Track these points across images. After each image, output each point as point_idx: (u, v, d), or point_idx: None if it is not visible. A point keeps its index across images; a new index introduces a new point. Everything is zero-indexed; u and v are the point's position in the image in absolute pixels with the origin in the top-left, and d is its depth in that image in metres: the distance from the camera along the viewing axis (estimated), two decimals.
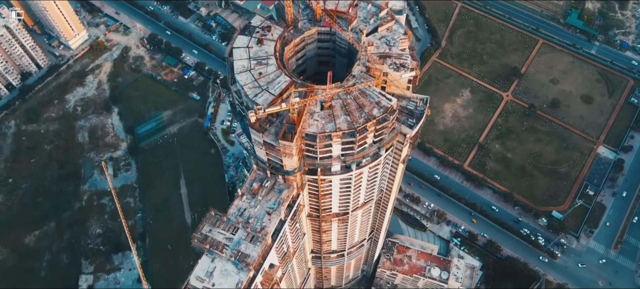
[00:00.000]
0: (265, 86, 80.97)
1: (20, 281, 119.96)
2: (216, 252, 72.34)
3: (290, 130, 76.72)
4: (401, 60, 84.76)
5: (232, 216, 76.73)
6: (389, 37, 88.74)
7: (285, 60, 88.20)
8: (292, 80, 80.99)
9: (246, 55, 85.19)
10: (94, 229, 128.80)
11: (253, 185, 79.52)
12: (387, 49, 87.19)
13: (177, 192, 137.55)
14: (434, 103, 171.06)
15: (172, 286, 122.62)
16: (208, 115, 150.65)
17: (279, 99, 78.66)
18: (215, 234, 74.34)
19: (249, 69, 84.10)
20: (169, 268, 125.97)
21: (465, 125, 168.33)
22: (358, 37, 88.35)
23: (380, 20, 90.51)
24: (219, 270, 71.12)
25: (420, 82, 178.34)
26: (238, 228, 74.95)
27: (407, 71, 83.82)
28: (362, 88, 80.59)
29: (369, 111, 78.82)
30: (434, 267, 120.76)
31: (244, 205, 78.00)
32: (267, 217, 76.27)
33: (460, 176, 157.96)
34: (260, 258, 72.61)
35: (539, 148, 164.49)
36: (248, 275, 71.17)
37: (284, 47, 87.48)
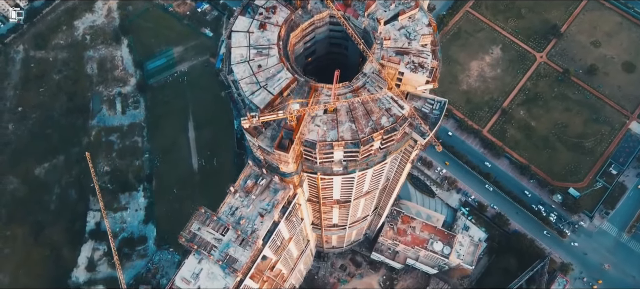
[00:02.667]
0: (263, 82, 74.35)
1: (31, 214, 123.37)
2: (204, 253, 70.33)
3: (288, 135, 70.97)
4: (420, 58, 75.94)
5: (223, 215, 73.96)
6: (410, 28, 78.88)
7: (291, 46, 79.81)
8: (294, 77, 73.81)
9: (245, 43, 77.47)
10: (102, 166, 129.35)
11: (247, 182, 75.53)
12: (406, 42, 77.83)
13: (185, 136, 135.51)
14: (460, 59, 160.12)
15: (176, 230, 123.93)
16: (220, 55, 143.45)
17: (278, 98, 72.04)
18: (204, 234, 72.10)
19: (248, 60, 76.82)
20: (174, 212, 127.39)
21: (490, 87, 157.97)
22: (374, 26, 78.75)
23: (402, 6, 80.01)
24: (205, 272, 69.87)
25: (449, 34, 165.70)
26: (228, 228, 71.97)
27: (426, 72, 75.07)
28: (372, 90, 72.83)
29: (377, 119, 72.10)
30: (437, 241, 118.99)
31: (236, 203, 74.58)
32: (260, 219, 73.14)
33: (478, 142, 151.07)
34: (250, 263, 70.64)
35: (567, 118, 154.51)
36: (235, 280, 69.46)
37: (289, 33, 78.56)
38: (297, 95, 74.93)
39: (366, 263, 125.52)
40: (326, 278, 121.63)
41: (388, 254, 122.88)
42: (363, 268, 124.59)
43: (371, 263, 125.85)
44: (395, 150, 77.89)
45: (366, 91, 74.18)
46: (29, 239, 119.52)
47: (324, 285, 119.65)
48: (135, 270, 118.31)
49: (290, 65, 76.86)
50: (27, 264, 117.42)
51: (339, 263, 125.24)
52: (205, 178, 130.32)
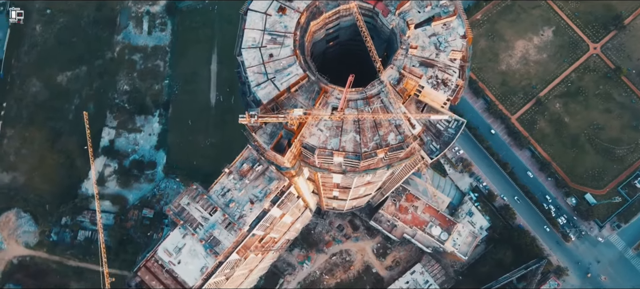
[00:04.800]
0: (272, 75, 70.48)
1: (50, 120, 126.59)
2: (189, 229, 71.41)
3: (288, 136, 68.25)
4: (446, 74, 70.22)
5: (214, 194, 74.23)
6: (443, 38, 71.98)
7: (310, 34, 73.73)
8: (306, 74, 69.32)
9: (261, 25, 72.48)
10: (122, 84, 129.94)
11: (243, 165, 74.52)
12: (434, 53, 71.60)
13: (207, 68, 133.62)
14: (506, 35, 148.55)
15: (185, 161, 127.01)
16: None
17: (284, 94, 68.49)
18: (192, 210, 72.96)
19: (260, 46, 72.32)
20: (186, 143, 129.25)
21: (531, 71, 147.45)
22: (403, 28, 71.95)
23: (439, 10, 72.19)
24: (188, 248, 71.56)
25: (501, 5, 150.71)
26: (216, 209, 72.18)
27: (448, 91, 69.32)
28: (385, 102, 68.16)
29: (385, 134, 68.65)
30: (437, 225, 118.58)
31: (228, 185, 74.41)
32: (249, 205, 73.29)
33: (504, 128, 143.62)
34: (232, 248, 71.37)
35: (604, 120, 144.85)
36: (215, 262, 70.68)
37: (310, 21, 72.39)
38: (305, 93, 71.21)
39: (364, 228, 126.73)
40: (322, 235, 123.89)
41: (386, 226, 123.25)
42: (360, 231, 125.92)
43: (368, 228, 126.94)
44: (400, 164, 74.43)
45: (379, 100, 69.38)
46: (46, 145, 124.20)
47: (318, 241, 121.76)
48: (142, 193, 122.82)
49: (304, 58, 71.82)
50: (42, 168, 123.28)
51: (337, 223, 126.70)
52: (221, 115, 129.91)
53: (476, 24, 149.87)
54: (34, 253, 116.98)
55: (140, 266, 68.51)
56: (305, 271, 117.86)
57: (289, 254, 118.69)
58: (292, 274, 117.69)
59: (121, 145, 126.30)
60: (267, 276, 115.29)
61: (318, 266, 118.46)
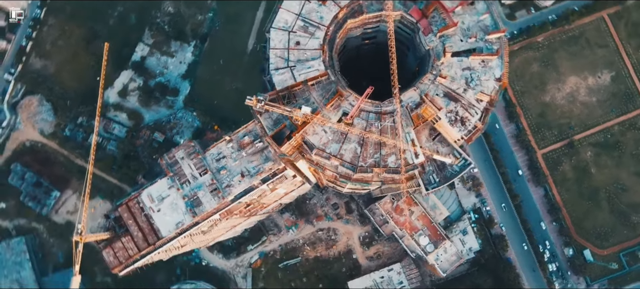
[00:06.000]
0: (293, 63, 68.67)
1: (91, 19, 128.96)
2: (177, 183, 72.06)
3: (291, 128, 67.04)
4: (467, 113, 67.36)
5: (209, 157, 74.59)
6: (476, 74, 68.39)
7: (344, 31, 69.97)
8: (327, 72, 67.02)
9: (297, 9, 69.87)
10: (167, 6, 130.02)
11: (245, 137, 73.77)
12: (462, 88, 68.33)
13: (253, 13, 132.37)
14: (561, 66, 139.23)
15: (207, 98, 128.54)
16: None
17: (300, 86, 66.69)
18: (184, 165, 73.62)
19: (290, 30, 69.88)
20: (212, 82, 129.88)
21: (574, 111, 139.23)
22: (439, 52, 68.06)
23: (482, 46, 67.53)
24: (170, 201, 72.75)
25: (567, 34, 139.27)
26: (207, 172, 72.43)
27: (463, 131, 66.52)
28: (397, 122, 66.00)
29: (386, 155, 67.20)
30: (426, 236, 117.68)
31: (225, 152, 74.46)
32: (239, 178, 73.21)
33: (526, 160, 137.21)
34: (211, 213, 71.99)
35: (632, 183, 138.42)
36: (192, 221, 71.47)
37: (348, 18, 68.82)
38: (321, 90, 69.55)
39: (357, 213, 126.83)
40: (315, 208, 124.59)
41: (378, 219, 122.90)
42: (353, 216, 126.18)
43: (362, 215, 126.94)
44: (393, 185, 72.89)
45: (392, 119, 66.99)
46: (81, 43, 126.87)
47: (310, 212, 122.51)
48: (158, 116, 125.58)
49: (330, 55, 69.05)
50: (73, 64, 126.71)
51: (334, 201, 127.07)
52: (253, 63, 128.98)
53: (534, 45, 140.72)
54: (46, 141, 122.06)
55: (123, 203, 70.26)
56: (289, 236, 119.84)
57: (278, 215, 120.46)
58: (277, 235, 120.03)
59: (151, 64, 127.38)
60: (252, 230, 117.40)
61: (303, 236, 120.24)
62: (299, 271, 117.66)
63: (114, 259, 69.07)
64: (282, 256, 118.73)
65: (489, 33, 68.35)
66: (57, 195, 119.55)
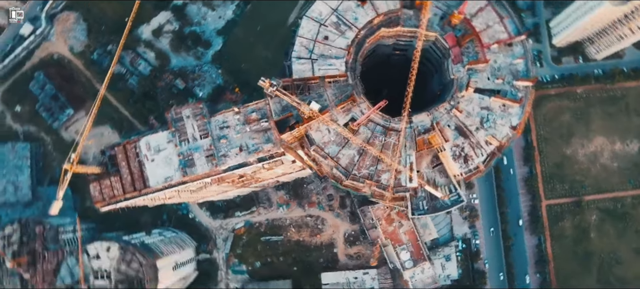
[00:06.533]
0: (315, 56, 67.70)
1: None
2: (176, 139, 72.17)
3: (297, 119, 66.47)
4: (472, 152, 65.80)
5: (213, 122, 74.95)
6: (493, 117, 66.68)
7: (375, 38, 67.95)
8: (346, 74, 65.61)
9: (335, 4, 68.43)
10: None
11: (253, 114, 73.11)
12: (475, 126, 66.54)
13: None
14: (593, 123, 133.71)
15: (238, 59, 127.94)
16: None
17: (316, 80, 65.53)
18: (188, 124, 73.84)
19: (322, 22, 68.23)
20: (246, 45, 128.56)
21: (591, 171, 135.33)
22: (462, 84, 65.78)
23: (507, 91, 65.24)
24: (165, 154, 73.31)
25: (609, 92, 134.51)
26: (208, 136, 72.33)
27: (464, 168, 65.27)
28: (401, 143, 64.97)
29: (381, 171, 66.80)
30: (408, 252, 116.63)
31: (230, 122, 74.45)
32: (236, 151, 72.93)
33: (529, 205, 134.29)
34: (202, 177, 72.37)
35: (628, 258, 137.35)
36: (180, 179, 71.64)
37: (382, 26, 66.89)
38: (336, 90, 68.68)
39: (349, 210, 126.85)
40: (311, 194, 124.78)
41: (368, 222, 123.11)
42: (345, 211, 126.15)
43: (353, 213, 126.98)
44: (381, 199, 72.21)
45: (397, 137, 65.75)
46: None
47: (304, 196, 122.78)
48: (184, 63, 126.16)
49: (354, 58, 67.57)
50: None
51: (330, 191, 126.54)
52: (288, 39, 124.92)
53: (572, 95, 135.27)
54: (73, 58, 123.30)
55: (121, 144, 70.88)
56: (278, 214, 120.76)
57: (273, 191, 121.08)
58: (266, 209, 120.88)
59: (191, 11, 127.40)
60: (244, 197, 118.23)
61: (291, 217, 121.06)
62: (278, 249, 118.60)
63: (98, 195, 70.53)
64: (266, 230, 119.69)
65: (518, 79, 66.15)
66: (71, 113, 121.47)
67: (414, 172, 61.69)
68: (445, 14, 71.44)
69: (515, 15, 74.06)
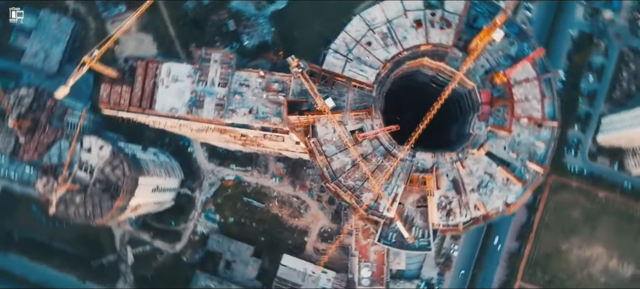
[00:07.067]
0: (351, 57, 68.18)
1: None
2: (195, 77, 72.78)
3: (309, 106, 66.47)
4: (458, 210, 64.93)
5: (236, 77, 74.83)
6: (492, 186, 65.93)
7: (416, 63, 66.95)
8: (372, 85, 65.04)
9: (390, 15, 68.13)
10: None
11: (275, 84, 72.89)
12: (472, 186, 65.68)
13: None
14: (598, 231, 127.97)
15: (293, 26, 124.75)
16: None
17: (343, 78, 65.19)
18: (212, 68, 74.52)
19: (371, 28, 67.66)
20: (307, 14, 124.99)
21: (578, 276, 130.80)
22: (476, 143, 64.23)
23: (516, 167, 63.83)
24: (180, 86, 74.54)
25: (625, 206, 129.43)
26: (226, 87, 72.77)
27: (443, 219, 64.54)
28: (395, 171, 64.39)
29: (364, 189, 66.14)
30: (371, 271, 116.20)
31: (251, 83, 75.03)
32: (245, 111, 73.39)
33: (502, 279, 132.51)
34: (204, 121, 72.91)
35: None
36: (183, 115, 72.21)
37: (427, 55, 66.08)
38: (357, 96, 68.24)
39: (335, 209, 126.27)
40: (306, 179, 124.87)
41: (346, 228, 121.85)
42: (330, 207, 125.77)
43: (337, 212, 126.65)
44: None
45: (395, 163, 64.98)
46: None
47: (299, 178, 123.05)
48: (243, 8, 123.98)
49: (386, 75, 67.01)
50: None
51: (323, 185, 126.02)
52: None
53: (591, 196, 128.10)
54: None
55: (146, 59, 71.68)
56: (269, 182, 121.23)
57: (273, 160, 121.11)
58: (260, 174, 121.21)
59: None
60: (245, 154, 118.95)
61: (279, 191, 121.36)
62: (255, 214, 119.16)
63: (106, 97, 71.74)
64: (252, 192, 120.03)
65: (533, 161, 64.75)
66: (122, 10, 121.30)
67: (395, 203, 61.39)
68: (491, 69, 70.09)
69: (558, 99, 72.22)
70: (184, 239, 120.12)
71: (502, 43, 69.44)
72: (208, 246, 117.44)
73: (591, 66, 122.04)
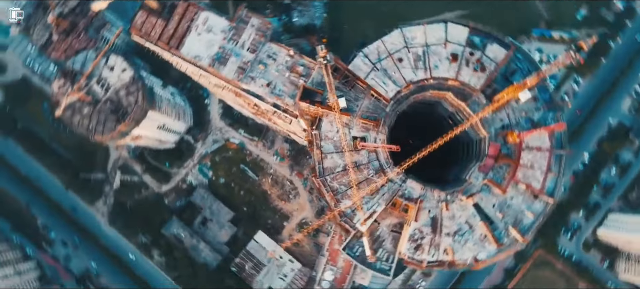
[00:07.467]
0: (380, 68, 69.74)
1: None
2: (228, 33, 74.08)
3: (322, 99, 67.19)
4: (428, 247, 66.06)
5: (266, 47, 75.85)
6: (469, 236, 67.87)
7: (439, 95, 67.47)
8: (389, 101, 65.30)
9: (432, 40, 68.05)
10: None
11: (301, 67, 73.75)
12: (448, 231, 66.49)
13: None
14: None
15: (344, 18, 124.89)
16: None
17: (364, 85, 65.84)
18: (247, 31, 76.75)
19: (407, 46, 68.13)
20: (360, 11, 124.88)
21: None
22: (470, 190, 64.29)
23: (499, 227, 63.97)
24: (211, 38, 77.61)
25: None
26: (254, 55, 73.78)
27: (410, 252, 65.13)
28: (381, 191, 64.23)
29: (347, 196, 68.80)
30: (334, 275, 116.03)
31: (279, 58, 76.35)
32: (263, 83, 74.50)
33: None
34: (223, 78, 74.06)
35: None
36: (205, 66, 73.38)
37: (451, 91, 67.28)
38: (370, 106, 68.81)
39: (322, 205, 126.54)
40: (306, 167, 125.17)
41: (326, 227, 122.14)
42: (319, 202, 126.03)
43: (323, 209, 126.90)
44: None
45: (384, 183, 65.65)
46: None
47: (299, 165, 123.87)
48: None
49: (405, 95, 67.34)
50: None
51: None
52: None
53: (572, 283, 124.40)
54: None
55: (189, 1, 73.15)
56: (269, 158, 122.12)
57: (281, 138, 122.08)
58: (264, 147, 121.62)
59: None
60: (256, 124, 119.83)
61: (276, 170, 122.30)
62: (246, 184, 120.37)
63: (139, 24, 73.79)
64: (250, 162, 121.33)
65: (515, 228, 64.78)
66: None
67: (370, 220, 62.06)
68: (508, 126, 69.88)
69: (563, 177, 71.86)
70: (172, 183, 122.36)
71: (527, 104, 69.10)
72: (192, 198, 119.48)
73: (618, 159, 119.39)
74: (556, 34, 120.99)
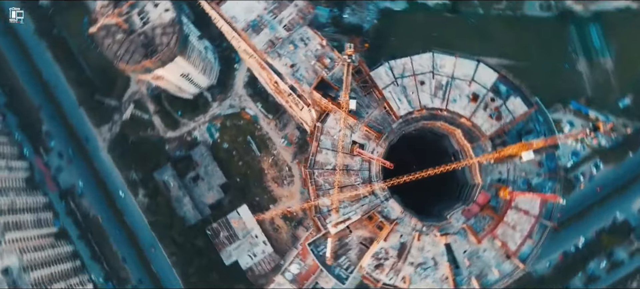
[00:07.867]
0: (400, 83, 70.30)
1: None
2: (270, 6, 75.90)
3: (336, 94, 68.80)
4: (387, 270, 67.75)
5: (301, 30, 77.24)
6: (430, 274, 69.85)
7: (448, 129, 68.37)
8: (398, 118, 66.57)
9: (459, 73, 71.76)
10: None
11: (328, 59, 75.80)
12: (413, 260, 70.28)
13: None
14: None
15: (394, 27, 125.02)
16: None
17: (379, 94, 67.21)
18: (288, 10, 79.89)
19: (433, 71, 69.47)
20: (413, 28, 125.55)
21: None
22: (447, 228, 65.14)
23: (462, 274, 65.14)
24: (252, 4, 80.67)
25: None
26: (288, 32, 75.22)
27: (370, 270, 66.31)
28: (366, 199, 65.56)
29: (329, 194, 68.28)
30: (299, 270, 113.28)
31: (310, 44, 79.86)
32: (287, 62, 76.48)
33: None
34: (250, 44, 75.94)
35: None
36: (239, 29, 76.34)
37: (461, 129, 70.20)
38: (379, 117, 70.49)
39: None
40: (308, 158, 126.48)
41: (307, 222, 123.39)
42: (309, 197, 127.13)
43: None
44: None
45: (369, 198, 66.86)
46: None
47: (302, 155, 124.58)
48: None
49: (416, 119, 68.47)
50: None
51: None
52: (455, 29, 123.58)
53: None
54: None
55: None
56: (277, 139, 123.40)
57: (293, 126, 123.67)
58: (276, 128, 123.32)
59: None
60: (275, 103, 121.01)
61: (279, 152, 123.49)
62: (247, 156, 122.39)
63: None
64: (258, 136, 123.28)
65: (478, 280, 65.09)
66: None
67: (342, 225, 63.19)
68: (504, 181, 70.08)
69: (541, 246, 71.41)
70: (178, 132, 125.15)
71: (530, 166, 69.18)
72: (192, 152, 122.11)
73: (611, 255, 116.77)
74: (593, 114, 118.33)
